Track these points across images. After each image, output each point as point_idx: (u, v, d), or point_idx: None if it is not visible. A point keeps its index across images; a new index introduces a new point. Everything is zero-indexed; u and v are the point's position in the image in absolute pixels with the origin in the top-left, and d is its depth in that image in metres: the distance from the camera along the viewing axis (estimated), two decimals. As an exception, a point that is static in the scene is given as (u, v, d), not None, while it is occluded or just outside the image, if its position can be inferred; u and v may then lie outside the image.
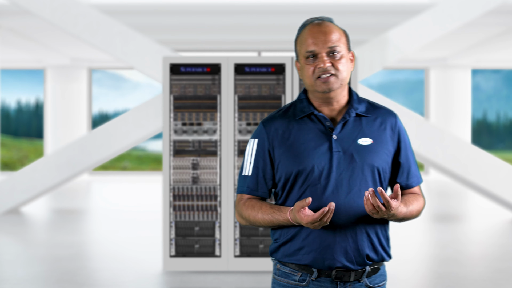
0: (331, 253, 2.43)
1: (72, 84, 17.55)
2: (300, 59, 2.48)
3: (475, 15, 9.34)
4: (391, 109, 2.55)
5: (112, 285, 6.23)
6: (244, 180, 2.53)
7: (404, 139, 2.53)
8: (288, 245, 2.48)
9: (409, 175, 2.54)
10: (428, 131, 9.13)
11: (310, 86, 2.47)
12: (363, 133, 2.46)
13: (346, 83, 2.47)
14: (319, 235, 2.43)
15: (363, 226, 2.44)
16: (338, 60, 2.43)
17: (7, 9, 11.33)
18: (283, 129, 2.49)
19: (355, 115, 2.48)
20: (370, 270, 2.48)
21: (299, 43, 2.48)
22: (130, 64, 9.43)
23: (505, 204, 9.79)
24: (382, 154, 2.46)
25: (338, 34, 2.45)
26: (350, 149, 2.43)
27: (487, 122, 20.61)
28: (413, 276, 6.69)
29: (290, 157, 2.45)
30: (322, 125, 2.47)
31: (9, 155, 20.05)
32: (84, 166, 9.85)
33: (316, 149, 2.44)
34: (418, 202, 2.52)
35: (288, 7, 12.06)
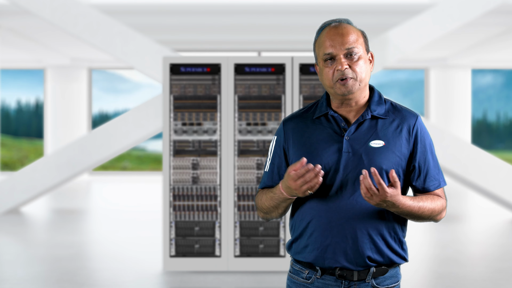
0: (331, 252, 2.44)
1: (72, 84, 17.55)
2: (319, 62, 2.49)
3: (475, 15, 9.34)
4: (413, 111, 2.53)
5: (112, 285, 6.23)
6: (264, 176, 2.60)
7: (423, 142, 2.50)
8: (298, 242, 2.52)
9: (427, 178, 2.51)
10: (428, 131, 9.13)
11: (329, 88, 2.47)
12: (376, 135, 2.46)
13: (365, 84, 2.48)
14: (321, 234, 2.44)
15: (365, 228, 2.43)
16: (356, 62, 2.44)
17: (7, 9, 11.33)
18: (299, 127, 2.52)
19: (370, 117, 2.48)
20: (375, 271, 2.48)
21: (317, 46, 2.49)
22: (130, 64, 9.43)
23: (505, 204, 9.79)
24: (393, 157, 2.44)
25: (355, 35, 2.46)
26: (360, 151, 2.43)
27: (487, 122, 20.61)
28: (413, 276, 6.69)
29: (301, 155, 2.47)
30: (337, 126, 2.48)
31: (9, 155, 20.05)
32: (84, 166, 9.85)
33: (326, 149, 2.45)
34: (434, 201, 2.49)
35: (288, 7, 12.06)
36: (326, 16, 12.43)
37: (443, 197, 2.54)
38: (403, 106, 2.55)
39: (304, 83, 6.50)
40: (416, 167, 2.49)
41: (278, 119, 6.48)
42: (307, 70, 6.50)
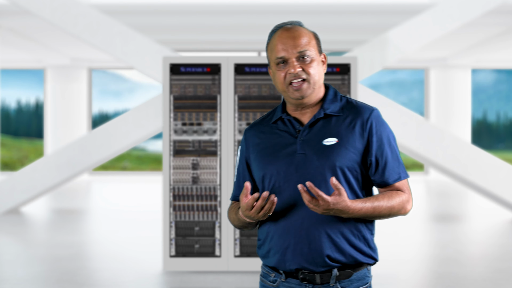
0: (290, 254, 2.43)
1: (72, 84, 17.55)
2: (272, 66, 2.49)
3: (475, 15, 9.34)
4: (370, 106, 2.49)
5: (112, 285, 6.23)
6: (233, 187, 2.61)
7: (379, 135, 2.45)
8: (262, 247, 2.52)
9: (386, 171, 2.45)
10: (428, 131, 9.13)
11: (282, 92, 2.47)
12: (329, 133, 2.44)
13: (319, 85, 2.47)
14: (280, 236, 2.44)
15: (322, 227, 2.40)
16: (309, 64, 2.43)
17: (7, 9, 11.33)
18: (258, 134, 2.53)
19: (323, 116, 2.46)
20: (339, 274, 2.43)
21: (269, 49, 2.48)
22: (130, 64, 9.43)
23: (505, 204, 9.79)
24: (347, 153, 2.41)
25: (307, 38, 2.45)
26: (314, 151, 2.42)
27: (487, 122, 20.60)
28: (413, 276, 6.69)
29: (259, 161, 2.49)
30: (292, 128, 2.48)
31: (9, 155, 20.05)
32: (84, 166, 9.85)
33: (280, 152, 2.45)
34: (391, 198, 2.43)
35: (288, 7, 12.06)
36: (326, 16, 12.44)
37: (405, 190, 2.47)
38: (360, 102, 2.51)
39: (304, 83, 6.50)
40: (372, 161, 2.45)
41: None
42: (307, 70, 6.50)
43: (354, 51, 9.22)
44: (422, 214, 11.39)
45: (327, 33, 14.02)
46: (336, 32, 13.80)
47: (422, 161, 10.70)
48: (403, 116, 8.99)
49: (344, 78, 6.51)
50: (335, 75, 6.51)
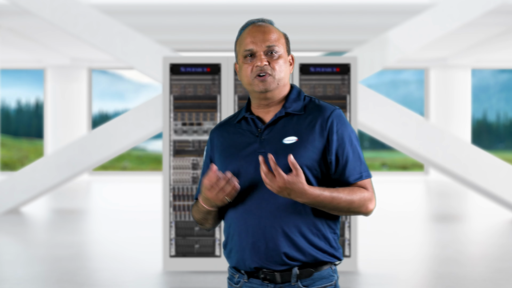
0: (249, 253, 2.42)
1: (72, 84, 17.55)
2: (239, 59, 2.48)
3: (475, 15, 9.34)
4: (332, 106, 2.48)
5: (112, 285, 6.23)
6: (198, 186, 2.58)
7: (340, 134, 2.44)
8: (226, 247, 2.52)
9: (346, 170, 2.42)
10: (428, 131, 9.13)
11: (247, 85, 2.46)
12: (290, 132, 2.43)
13: (284, 83, 2.47)
14: (239, 236, 2.44)
15: (280, 226, 2.39)
16: (276, 60, 2.44)
17: (7, 9, 11.33)
18: (221, 134, 2.54)
19: (284, 114, 2.46)
20: (300, 272, 2.42)
21: (238, 43, 2.49)
22: (130, 64, 9.42)
23: (505, 204, 9.79)
24: (307, 151, 2.40)
25: (277, 35, 2.46)
26: (274, 149, 2.41)
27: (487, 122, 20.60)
28: (413, 276, 6.69)
29: (221, 161, 2.50)
30: (255, 127, 2.48)
31: (9, 155, 20.05)
32: (84, 166, 9.85)
33: (242, 151, 2.46)
34: (352, 192, 2.40)
35: (288, 7, 12.06)
36: (326, 16, 12.44)
37: (368, 189, 2.44)
38: (324, 102, 2.50)
39: (304, 83, 6.50)
40: (333, 160, 2.43)
41: (278, 119, 6.48)
42: (307, 70, 6.50)
43: (354, 51, 9.22)
44: (422, 214, 11.39)
45: (327, 33, 14.02)
46: (336, 32, 13.80)
47: (422, 161, 10.70)
48: (403, 116, 8.99)
49: (344, 78, 6.51)
50: (335, 75, 6.51)
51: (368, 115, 8.83)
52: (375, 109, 8.90)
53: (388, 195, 14.41)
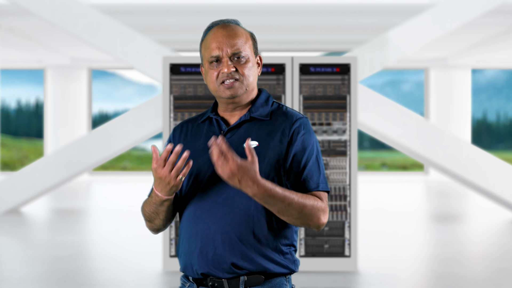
0: (196, 258, 2.36)
1: (72, 84, 17.56)
2: (205, 64, 2.41)
3: (475, 15, 9.34)
4: (299, 114, 2.42)
5: (112, 285, 6.23)
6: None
7: (302, 143, 2.37)
8: (177, 251, 2.47)
9: (304, 180, 2.35)
10: (428, 131, 9.13)
11: (214, 91, 2.40)
12: (252, 137, 2.37)
13: (252, 88, 2.41)
14: (188, 240, 2.38)
15: (229, 233, 2.32)
16: (244, 65, 2.37)
17: (7, 9, 11.34)
18: (184, 133, 2.48)
19: (249, 119, 2.40)
20: (247, 279, 2.34)
21: (203, 47, 2.41)
22: (130, 64, 9.42)
23: (505, 204, 9.79)
24: (266, 157, 2.34)
25: (243, 38, 2.39)
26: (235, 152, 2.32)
27: (487, 122, 20.61)
28: (413, 276, 6.69)
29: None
30: (218, 129, 2.43)
31: (9, 155, 20.05)
32: (84, 166, 9.85)
33: (202, 153, 2.40)
34: (307, 198, 2.31)
35: (288, 7, 12.06)
36: (326, 16, 12.44)
37: (323, 201, 2.35)
38: (291, 109, 2.43)
39: (304, 83, 6.50)
40: (292, 168, 2.35)
41: (278, 119, 6.48)
42: (307, 70, 6.50)
43: (354, 51, 9.22)
44: (422, 214, 11.39)
45: (327, 33, 14.03)
46: (336, 32, 13.80)
47: (422, 161, 10.70)
48: (403, 116, 8.99)
49: (344, 78, 6.51)
50: (335, 75, 6.51)
51: (368, 115, 8.83)
52: (375, 109, 8.90)
53: (388, 195, 14.41)
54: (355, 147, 6.48)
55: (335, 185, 6.46)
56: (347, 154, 6.46)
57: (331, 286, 6.01)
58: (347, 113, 6.48)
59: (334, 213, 6.45)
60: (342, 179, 6.46)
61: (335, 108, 6.50)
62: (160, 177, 2.28)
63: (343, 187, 6.45)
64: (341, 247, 6.45)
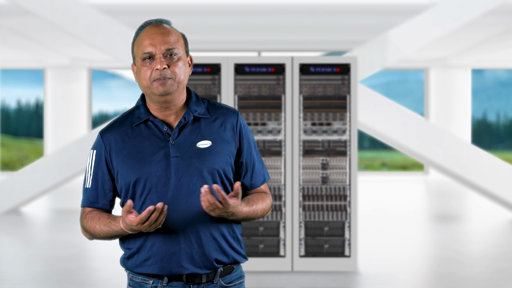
0: (177, 260, 2.38)
1: (72, 84, 17.56)
2: (137, 61, 2.41)
3: (475, 15, 9.34)
4: (232, 108, 2.50)
5: (112, 285, 6.23)
6: (85, 193, 2.47)
7: (247, 137, 2.48)
8: (135, 257, 2.43)
9: (253, 174, 2.49)
10: (428, 131, 9.13)
11: (146, 88, 2.39)
12: (202, 136, 2.41)
13: (183, 86, 2.42)
14: (164, 243, 2.38)
15: (208, 230, 2.39)
16: (176, 62, 2.39)
17: (7, 9, 11.33)
18: (120, 138, 2.43)
19: (192, 118, 2.43)
20: (222, 270, 2.44)
21: (136, 45, 2.42)
22: (130, 64, 9.42)
23: (505, 204, 9.79)
24: (222, 155, 2.41)
25: (176, 36, 2.41)
26: (189, 154, 2.38)
27: (487, 122, 20.61)
28: (413, 276, 6.69)
29: (127, 166, 2.39)
30: (159, 131, 2.41)
31: (9, 155, 20.05)
32: (84, 166, 9.85)
33: (152, 156, 2.38)
34: (264, 201, 2.48)
35: (288, 7, 12.06)
36: (326, 16, 12.44)
37: (267, 192, 2.54)
38: (221, 104, 2.51)
39: (304, 83, 6.50)
40: (244, 163, 2.47)
41: (278, 119, 6.47)
42: (307, 70, 6.50)
43: (354, 51, 9.22)
44: (422, 214, 11.39)
45: (327, 33, 14.02)
46: (336, 32, 13.80)
47: (422, 161, 10.70)
48: (403, 116, 8.99)
49: (344, 78, 6.51)
50: (335, 75, 6.51)
51: (368, 115, 8.83)
52: (375, 109, 8.90)
53: (388, 195, 14.42)
54: (355, 147, 6.48)
55: (335, 185, 6.46)
56: (347, 154, 6.46)
57: (331, 286, 6.01)
58: (347, 113, 6.48)
59: (334, 213, 6.45)
60: (342, 179, 6.46)
61: (335, 108, 6.50)
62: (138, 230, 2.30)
63: (343, 187, 6.45)
64: (341, 247, 6.45)
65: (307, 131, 6.49)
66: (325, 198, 6.46)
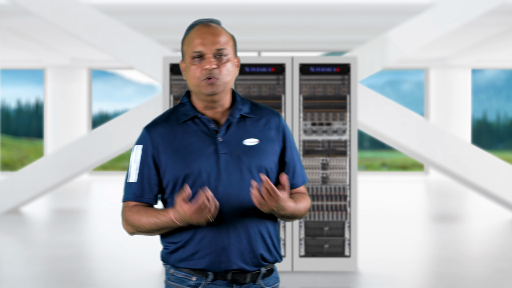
0: (227, 255, 2.39)
1: (72, 84, 17.56)
2: (186, 59, 2.46)
3: (475, 15, 9.34)
4: (274, 109, 2.55)
5: (112, 285, 6.23)
6: (130, 187, 2.47)
7: (289, 139, 2.53)
8: (181, 251, 2.43)
9: (294, 174, 2.53)
10: (428, 131, 9.13)
11: (195, 87, 2.43)
12: (248, 134, 2.45)
13: (230, 87, 2.46)
14: (214, 238, 2.39)
15: (257, 227, 2.42)
16: (224, 63, 2.42)
17: (7, 9, 11.33)
18: (167, 133, 2.44)
19: (239, 116, 2.47)
20: (265, 272, 2.46)
21: (186, 43, 2.47)
22: (130, 64, 9.42)
23: (505, 204, 9.79)
24: (268, 153, 2.45)
25: (226, 37, 2.45)
26: (237, 151, 2.41)
27: (487, 122, 20.61)
28: (413, 276, 6.69)
29: (176, 161, 2.41)
30: (206, 128, 2.45)
31: (9, 155, 20.05)
32: (84, 166, 9.85)
33: (201, 152, 2.41)
34: (305, 201, 2.52)
35: (288, 7, 12.06)
36: (326, 16, 12.44)
37: (306, 193, 2.58)
38: (262, 104, 2.55)
39: (304, 83, 6.50)
40: (287, 163, 2.51)
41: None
42: (307, 70, 6.50)
43: (354, 51, 9.22)
44: (422, 214, 11.39)
45: (327, 33, 14.02)
46: (336, 32, 13.80)
47: (422, 161, 10.70)
48: (403, 116, 8.99)
49: (344, 78, 6.51)
50: (335, 75, 6.51)
51: (368, 115, 8.83)
52: (375, 109, 8.90)
53: (388, 195, 14.41)
54: (355, 147, 6.48)
55: (335, 185, 6.46)
56: (347, 154, 6.46)
57: (331, 286, 6.01)
58: (347, 113, 6.48)
59: (334, 213, 6.45)
60: (342, 179, 6.46)
61: (335, 108, 6.50)
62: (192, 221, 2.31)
63: (343, 187, 6.46)
64: (341, 247, 6.45)
65: (307, 131, 6.49)
66: (325, 198, 6.46)
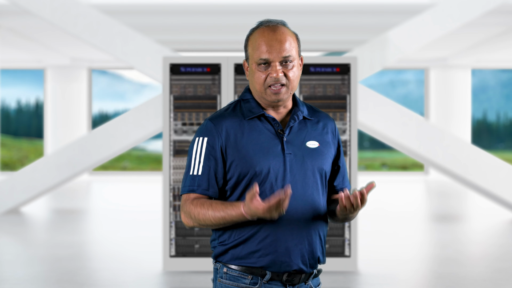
0: (289, 256, 2.40)
1: (72, 84, 17.55)
2: (251, 63, 2.44)
3: (475, 15, 9.34)
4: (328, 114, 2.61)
5: (112, 285, 6.23)
6: (193, 180, 2.44)
7: (341, 144, 2.59)
8: (240, 247, 2.42)
9: (344, 178, 2.59)
10: (428, 131, 9.13)
11: (259, 92, 2.44)
12: (309, 136, 2.47)
13: (295, 90, 2.48)
14: (277, 238, 2.39)
15: (317, 229, 2.45)
16: (290, 70, 2.42)
17: (7, 9, 11.33)
18: (235, 127, 2.43)
19: (301, 118, 2.49)
20: (316, 273, 2.50)
21: (251, 45, 2.44)
22: (130, 64, 9.42)
23: (505, 204, 9.79)
24: (327, 157, 2.50)
25: (291, 41, 2.43)
26: (301, 152, 2.44)
27: (487, 122, 20.60)
28: (413, 276, 6.69)
29: (245, 157, 2.40)
30: (271, 127, 2.45)
31: (9, 155, 20.05)
32: (84, 166, 9.85)
33: (270, 151, 2.41)
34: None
35: (288, 7, 12.06)
36: (326, 16, 12.43)
37: None
38: (317, 108, 2.59)
39: (304, 83, 6.50)
40: (340, 167, 2.57)
41: (278, 119, 6.48)
42: (307, 70, 6.50)
43: (354, 51, 9.22)
44: (422, 214, 11.39)
45: (327, 33, 14.02)
46: (336, 32, 13.80)
47: (422, 161, 10.70)
48: (403, 116, 8.99)
49: (344, 78, 6.51)
50: (335, 75, 6.51)
51: (368, 115, 8.83)
52: (375, 109, 8.90)
53: (388, 195, 14.41)
54: (355, 147, 6.48)
55: (335, 185, 6.46)
56: (347, 154, 6.46)
57: (331, 286, 6.01)
58: (347, 113, 6.48)
59: (334, 213, 6.45)
60: (342, 179, 6.46)
61: (335, 108, 6.50)
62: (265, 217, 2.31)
63: (343, 187, 6.45)
64: (341, 247, 6.45)
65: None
66: (325, 198, 6.46)
